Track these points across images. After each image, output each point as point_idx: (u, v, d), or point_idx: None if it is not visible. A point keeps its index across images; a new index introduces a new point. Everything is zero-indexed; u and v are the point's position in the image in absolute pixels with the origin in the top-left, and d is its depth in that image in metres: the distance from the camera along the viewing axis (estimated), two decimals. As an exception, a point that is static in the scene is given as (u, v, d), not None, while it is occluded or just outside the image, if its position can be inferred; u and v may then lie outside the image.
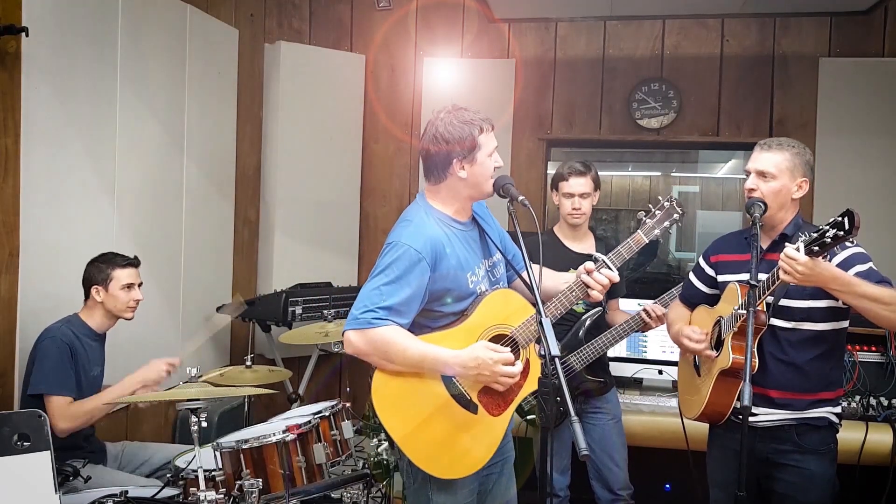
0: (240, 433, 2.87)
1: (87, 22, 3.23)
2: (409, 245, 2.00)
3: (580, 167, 3.04)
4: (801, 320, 2.28)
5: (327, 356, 4.40)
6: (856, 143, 4.29)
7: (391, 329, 1.97)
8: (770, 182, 2.28)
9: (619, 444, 3.07)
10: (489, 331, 2.08)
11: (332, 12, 4.82)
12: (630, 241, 2.26)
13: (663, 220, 2.28)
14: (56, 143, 3.09)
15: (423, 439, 2.03)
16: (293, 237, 4.59)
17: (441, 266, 2.02)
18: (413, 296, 1.98)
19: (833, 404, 2.33)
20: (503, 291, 2.13)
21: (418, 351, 1.99)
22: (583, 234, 3.10)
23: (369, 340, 1.98)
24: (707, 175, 8.13)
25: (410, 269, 1.98)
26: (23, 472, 1.97)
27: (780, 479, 2.31)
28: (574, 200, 3.02)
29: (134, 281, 2.95)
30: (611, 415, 3.06)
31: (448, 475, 2.06)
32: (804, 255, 2.01)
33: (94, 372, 2.94)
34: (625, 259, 2.22)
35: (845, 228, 1.91)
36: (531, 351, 2.06)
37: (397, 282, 1.97)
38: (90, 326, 2.93)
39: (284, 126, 4.55)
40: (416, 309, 2.02)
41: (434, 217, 2.10)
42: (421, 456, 2.03)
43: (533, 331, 2.03)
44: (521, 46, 4.69)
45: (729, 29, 4.51)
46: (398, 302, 1.97)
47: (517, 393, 2.05)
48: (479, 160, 2.07)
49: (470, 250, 2.13)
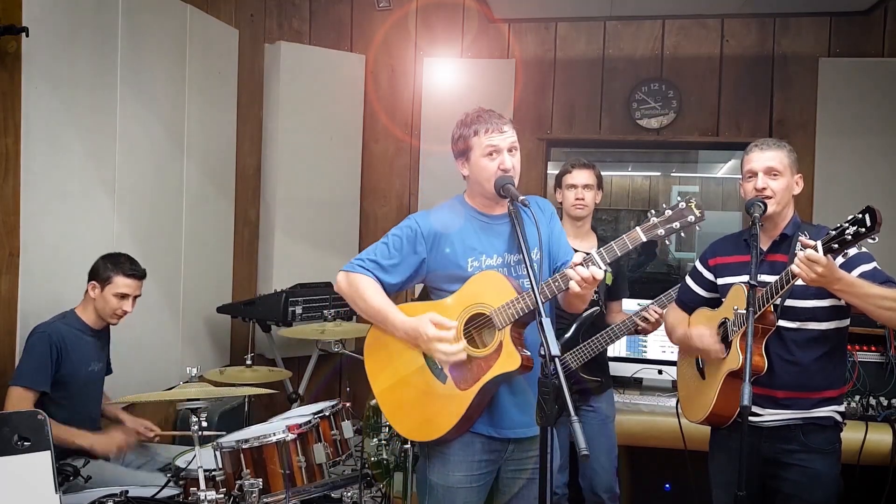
0: (240, 433, 2.87)
1: (87, 22, 3.23)
2: (415, 219, 2.25)
3: (584, 160, 3.10)
4: (806, 320, 2.28)
5: (327, 356, 4.40)
6: (856, 143, 4.29)
7: (368, 279, 2.20)
8: (779, 179, 2.31)
9: (605, 446, 3.02)
10: (470, 308, 2.13)
11: (332, 12, 4.83)
12: (625, 238, 2.02)
13: (672, 220, 2.00)
14: (56, 143, 3.09)
15: (395, 397, 2.22)
16: (293, 237, 4.59)
17: (442, 244, 2.19)
18: (401, 260, 2.21)
19: (837, 402, 2.34)
20: (491, 273, 2.15)
21: (377, 305, 2.19)
22: (585, 233, 3.11)
23: (349, 282, 2.23)
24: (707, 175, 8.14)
25: (403, 237, 2.21)
26: (23, 472, 1.97)
27: (786, 479, 2.31)
28: (577, 191, 3.05)
29: (131, 293, 2.93)
30: (602, 415, 3.03)
31: (411, 436, 2.28)
32: (824, 256, 1.98)
33: (93, 368, 2.93)
34: (617, 256, 2.01)
35: (867, 225, 1.89)
36: (506, 333, 2.07)
37: (390, 244, 2.22)
38: (85, 322, 2.93)
39: (284, 126, 4.55)
40: (400, 276, 2.21)
41: (459, 206, 2.27)
42: (391, 411, 2.24)
43: (511, 314, 2.05)
44: (521, 46, 4.70)
45: (729, 29, 4.51)
46: (385, 260, 2.21)
47: (486, 371, 2.08)
48: (473, 160, 2.18)
49: (486, 240, 2.20)
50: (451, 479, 2.17)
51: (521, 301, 2.04)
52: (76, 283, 2.97)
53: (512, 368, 2.05)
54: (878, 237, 1.92)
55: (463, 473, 2.17)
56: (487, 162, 2.14)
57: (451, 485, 2.17)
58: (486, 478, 2.21)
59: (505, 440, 2.20)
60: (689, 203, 2.00)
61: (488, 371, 2.08)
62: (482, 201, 2.24)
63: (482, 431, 2.17)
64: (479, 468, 2.18)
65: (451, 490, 2.17)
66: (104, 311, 2.92)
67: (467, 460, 2.17)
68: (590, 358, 2.94)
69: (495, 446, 2.19)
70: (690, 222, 2.00)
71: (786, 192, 2.32)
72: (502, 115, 2.20)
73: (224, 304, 4.25)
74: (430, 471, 2.22)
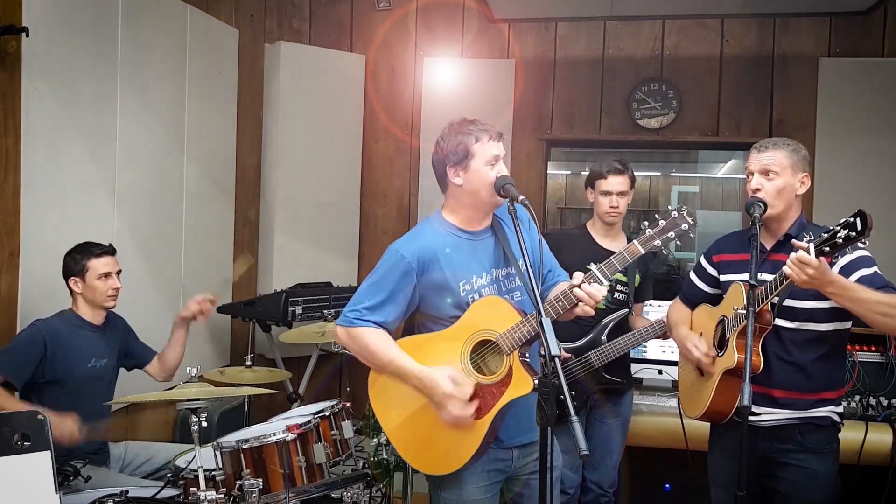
0: (240, 433, 2.87)
1: (87, 22, 3.23)
2: (398, 250, 2.15)
3: (619, 166, 3.02)
4: (805, 320, 2.28)
5: (327, 356, 4.40)
6: (856, 144, 4.29)
7: (370, 331, 2.14)
8: (774, 180, 2.29)
9: (618, 445, 3.09)
10: (475, 336, 2.11)
11: (332, 12, 4.82)
12: (624, 252, 2.09)
13: (667, 230, 2.08)
14: (56, 143, 3.09)
15: (408, 434, 2.17)
16: (293, 237, 4.59)
17: (431, 271, 2.13)
18: (392, 295, 2.13)
19: (835, 403, 2.33)
20: (492, 298, 2.14)
21: (387, 357, 2.14)
22: (616, 233, 3.09)
23: (351, 337, 2.17)
24: (707, 175, 8.15)
25: (393, 272, 2.13)
26: (23, 472, 1.97)
27: (782, 479, 2.32)
28: (612, 199, 3.01)
29: (111, 269, 2.92)
30: (621, 416, 3.08)
31: (429, 471, 2.18)
32: (815, 258, 1.98)
33: (94, 363, 2.92)
34: (617, 270, 2.07)
35: (857, 229, 1.90)
36: (514, 358, 2.06)
37: (379, 283, 2.15)
38: (84, 318, 2.92)
39: (284, 126, 4.55)
40: (398, 308, 2.15)
41: (438, 227, 2.20)
42: (406, 449, 2.19)
43: (517, 338, 2.04)
44: (521, 46, 4.69)
45: (729, 29, 4.51)
46: (378, 301, 2.14)
47: (498, 399, 2.07)
48: (474, 168, 2.12)
49: (474, 259, 2.17)
50: (464, 494, 2.15)
51: (527, 324, 2.04)
52: (76, 283, 2.96)
53: (525, 392, 2.04)
54: (868, 241, 1.95)
55: (475, 486, 2.16)
56: (488, 170, 2.12)
57: (465, 499, 2.15)
58: (496, 487, 2.21)
59: (510, 447, 2.20)
60: (681, 211, 2.08)
61: (501, 397, 2.07)
62: (466, 215, 2.19)
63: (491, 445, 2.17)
64: (489, 478, 2.18)
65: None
66: (96, 297, 2.91)
67: (478, 471, 2.16)
68: (614, 358, 2.92)
69: (503, 455, 2.19)
70: (684, 230, 2.07)
71: (783, 192, 2.29)
72: None
73: (224, 304, 4.25)
74: (442, 488, 2.19)
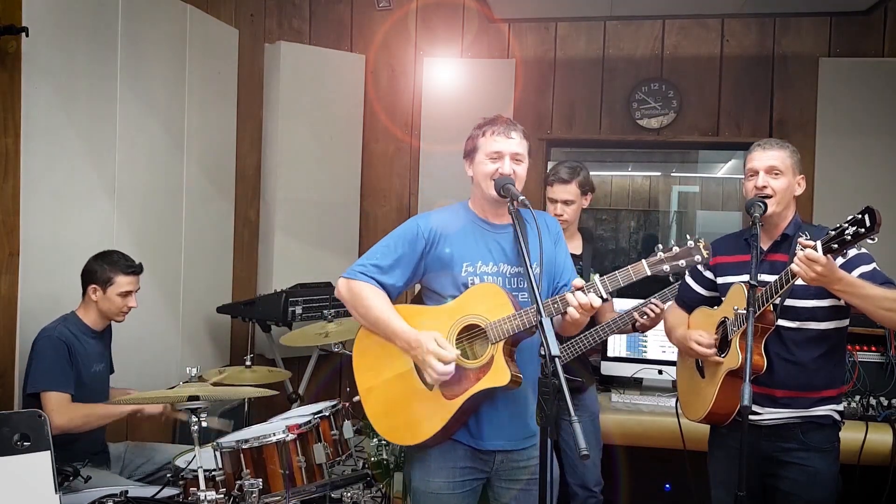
0: (240, 433, 2.87)
1: (87, 22, 3.24)
2: (416, 220, 2.25)
3: (565, 175, 3.01)
4: (806, 319, 2.28)
5: (327, 356, 4.40)
6: (856, 143, 4.29)
7: (370, 287, 2.19)
8: (780, 178, 2.32)
9: (594, 442, 3.04)
10: (465, 318, 2.12)
11: (332, 12, 4.82)
12: (630, 269, 2.07)
13: (679, 257, 2.04)
14: (56, 143, 3.09)
15: (380, 396, 2.22)
16: (293, 237, 4.59)
17: (440, 246, 2.19)
18: (400, 259, 2.19)
19: (836, 402, 2.34)
20: (490, 285, 2.15)
21: (378, 312, 2.17)
22: (569, 236, 3.06)
23: (349, 289, 2.21)
24: (707, 175, 8.13)
25: (404, 237, 2.21)
26: (23, 472, 1.97)
27: (784, 478, 2.32)
28: (557, 207, 3.02)
29: (133, 288, 2.95)
30: (588, 412, 3.03)
31: (389, 436, 2.25)
32: (823, 255, 1.99)
33: (96, 368, 2.93)
34: (620, 286, 2.06)
35: (866, 226, 1.91)
36: (498, 349, 2.06)
37: (390, 245, 2.22)
38: (87, 324, 2.93)
39: (284, 126, 4.55)
40: (403, 274, 2.20)
41: (461, 210, 2.28)
42: (374, 411, 2.23)
43: (506, 329, 2.05)
44: (521, 46, 4.69)
45: (729, 29, 4.51)
46: (384, 261, 2.20)
47: (474, 383, 2.07)
48: (477, 160, 2.20)
49: (484, 246, 2.20)
50: (431, 485, 2.17)
51: (519, 318, 2.04)
52: (76, 283, 2.96)
53: (500, 384, 2.04)
54: (877, 237, 1.94)
55: (443, 480, 2.16)
56: (489, 163, 2.15)
57: (432, 490, 2.17)
58: (470, 485, 2.19)
59: (490, 451, 2.18)
60: (697, 243, 2.05)
61: (476, 383, 2.07)
62: (484, 206, 2.24)
63: (462, 440, 2.17)
64: (461, 475, 2.17)
65: (432, 496, 2.17)
66: (110, 311, 2.92)
67: (447, 466, 2.17)
68: (573, 357, 2.92)
69: (480, 455, 2.18)
70: (696, 262, 2.05)
71: (786, 191, 2.33)
72: (517, 125, 2.21)
73: (224, 304, 4.25)
74: (412, 475, 2.22)
